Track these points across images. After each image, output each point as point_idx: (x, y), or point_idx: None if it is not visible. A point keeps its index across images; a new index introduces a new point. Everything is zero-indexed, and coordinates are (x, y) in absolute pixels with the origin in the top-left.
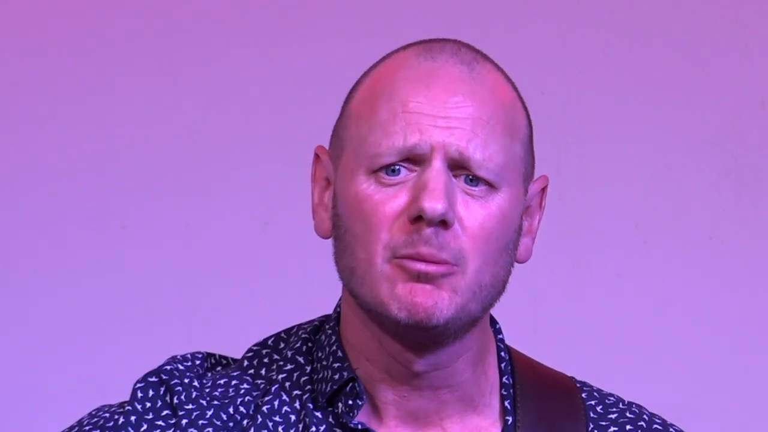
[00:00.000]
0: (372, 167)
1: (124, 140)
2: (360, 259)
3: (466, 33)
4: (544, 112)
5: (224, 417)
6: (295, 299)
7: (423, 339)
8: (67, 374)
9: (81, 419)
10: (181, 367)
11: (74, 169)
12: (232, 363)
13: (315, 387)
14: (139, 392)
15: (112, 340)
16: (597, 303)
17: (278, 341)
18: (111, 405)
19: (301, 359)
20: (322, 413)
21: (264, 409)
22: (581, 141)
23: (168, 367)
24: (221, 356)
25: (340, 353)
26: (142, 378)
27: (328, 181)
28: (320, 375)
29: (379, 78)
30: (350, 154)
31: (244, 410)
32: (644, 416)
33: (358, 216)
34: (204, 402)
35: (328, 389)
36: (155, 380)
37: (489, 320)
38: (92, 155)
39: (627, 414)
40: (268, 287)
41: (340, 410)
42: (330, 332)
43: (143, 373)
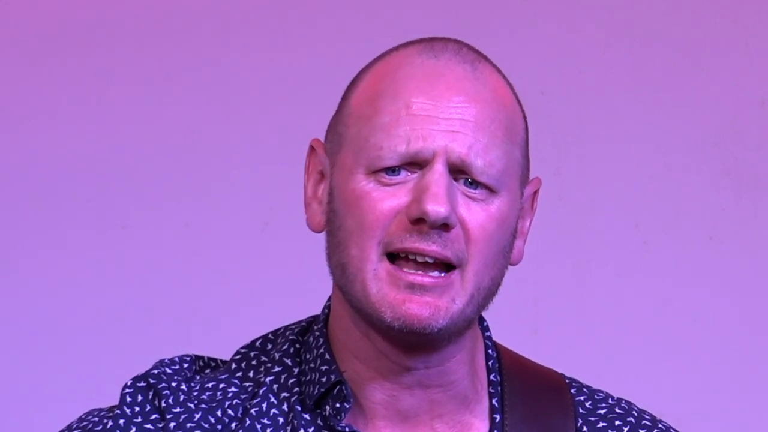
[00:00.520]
0: (372, 168)
1: (124, 140)
2: (352, 256)
3: (466, 33)
4: (544, 112)
5: (212, 420)
6: (295, 299)
7: (415, 342)
8: (67, 374)
9: (70, 424)
10: (169, 371)
11: (74, 169)
12: (221, 365)
13: (303, 389)
14: (128, 396)
15: (112, 340)
16: (597, 303)
17: (266, 343)
18: (100, 409)
19: (289, 361)
20: (310, 415)
21: (252, 412)
22: (581, 141)
23: (155, 371)
24: (210, 358)
25: (328, 356)
26: (131, 383)
27: (322, 174)
28: (308, 377)
29: (381, 76)
30: (350, 152)
31: (233, 413)
32: (633, 412)
33: (354, 213)
34: (192, 405)
35: (316, 392)
36: (143, 385)
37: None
38: (92, 155)
39: (616, 410)
40: (268, 287)
41: (328, 413)
42: (318, 334)
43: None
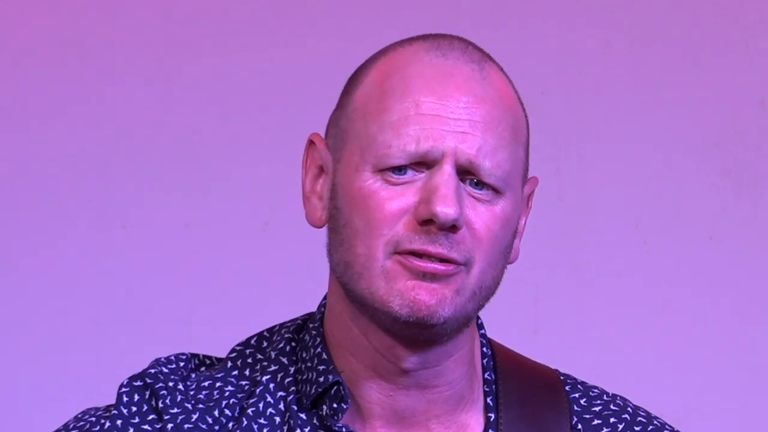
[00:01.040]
0: (380, 166)
1: (124, 140)
2: (359, 254)
3: (466, 33)
4: (544, 112)
5: (210, 420)
6: (295, 299)
7: (417, 336)
8: (67, 374)
9: (67, 423)
10: (165, 370)
11: (74, 169)
12: (216, 363)
13: (299, 388)
14: (125, 396)
15: (112, 340)
16: (597, 303)
17: (261, 340)
18: (97, 408)
19: (285, 360)
20: (307, 415)
21: (249, 412)
22: (581, 141)
23: (152, 371)
24: (205, 356)
25: (325, 355)
26: (127, 382)
27: (322, 169)
28: (305, 376)
29: (387, 72)
30: (356, 149)
31: (229, 413)
32: (628, 408)
33: (361, 211)
34: (189, 405)
35: (313, 391)
36: (140, 384)
37: None
38: (92, 155)
39: (611, 406)
40: (268, 287)
41: (325, 413)
42: (314, 332)
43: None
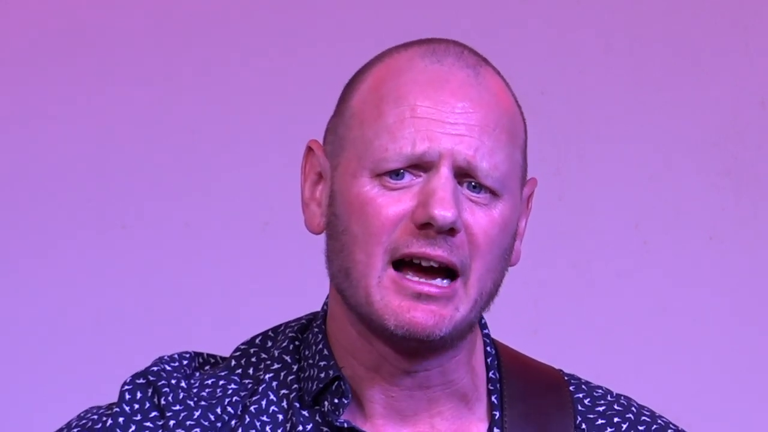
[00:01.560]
0: (376, 171)
1: (124, 140)
2: (358, 261)
3: (466, 33)
4: (544, 112)
5: (212, 417)
6: (295, 299)
7: (416, 347)
8: (67, 374)
9: (69, 421)
10: (168, 368)
11: (74, 169)
12: (220, 362)
13: (302, 386)
14: (127, 394)
15: (112, 340)
16: (597, 303)
17: (266, 340)
18: (99, 406)
19: (288, 358)
20: (309, 412)
21: (252, 409)
22: (581, 141)
23: (155, 369)
24: (209, 355)
25: (327, 352)
26: (130, 380)
27: (320, 176)
28: (307, 374)
29: (383, 78)
30: (353, 155)
31: (232, 410)
32: (632, 408)
33: (359, 217)
34: (191, 403)
35: (314, 388)
36: (142, 382)
37: None
38: (92, 155)
39: (615, 406)
40: (268, 287)
41: (326, 409)
42: (317, 330)
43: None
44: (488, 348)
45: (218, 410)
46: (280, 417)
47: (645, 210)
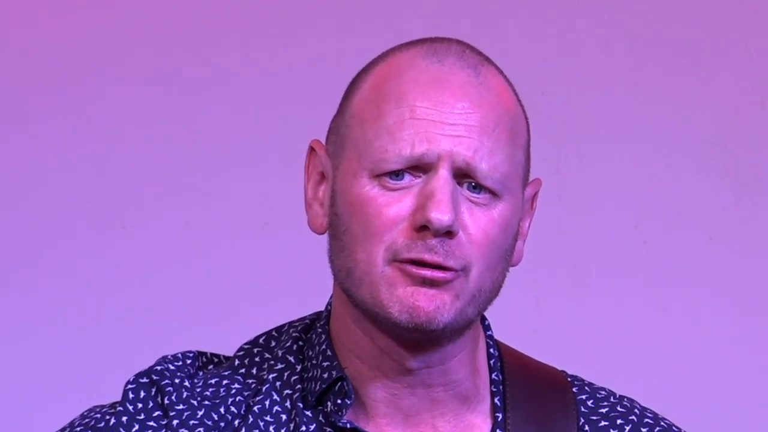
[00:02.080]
0: (376, 171)
1: (124, 140)
2: (359, 261)
3: (466, 33)
4: (544, 112)
5: (215, 417)
6: (295, 299)
7: (419, 340)
8: (67, 374)
9: (72, 420)
10: (172, 367)
11: (74, 169)
12: (224, 361)
13: (305, 386)
14: (130, 393)
15: (112, 340)
16: (597, 303)
17: (269, 339)
18: (102, 405)
19: (292, 358)
20: (312, 412)
21: (255, 409)
22: (581, 141)
23: (158, 368)
24: (213, 354)
25: (330, 352)
26: (133, 379)
27: (323, 176)
28: (310, 374)
29: (384, 78)
30: (353, 155)
31: (235, 410)
32: (635, 410)
33: (360, 218)
34: (195, 402)
35: (317, 388)
36: (146, 381)
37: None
38: (92, 155)
39: (618, 408)
40: (268, 287)
41: (329, 409)
42: (320, 330)
43: (134, 374)
44: (491, 349)
45: (222, 410)
46: (284, 417)
47: (645, 210)
